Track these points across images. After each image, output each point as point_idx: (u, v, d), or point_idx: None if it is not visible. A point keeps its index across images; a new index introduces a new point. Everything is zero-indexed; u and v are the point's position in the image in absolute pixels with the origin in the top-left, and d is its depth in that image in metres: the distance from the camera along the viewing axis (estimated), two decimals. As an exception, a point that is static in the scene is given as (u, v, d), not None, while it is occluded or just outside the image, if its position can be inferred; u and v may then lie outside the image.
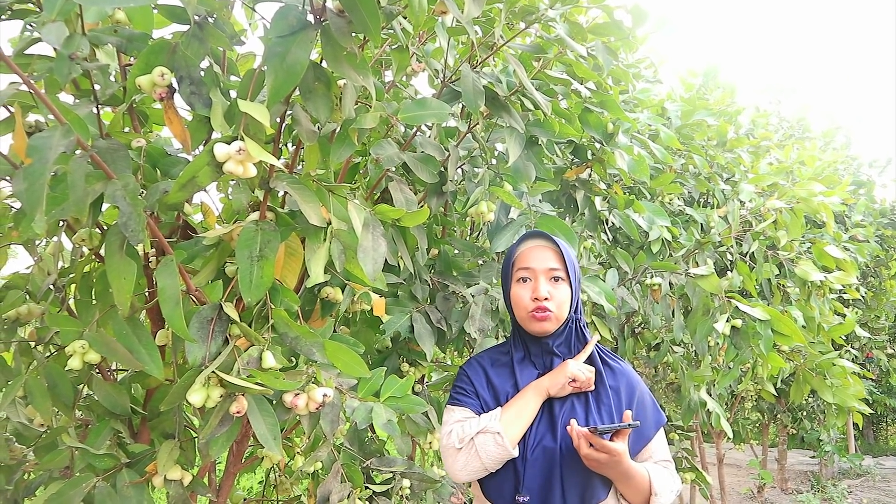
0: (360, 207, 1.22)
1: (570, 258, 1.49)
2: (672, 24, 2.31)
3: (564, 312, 1.47)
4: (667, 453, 1.46)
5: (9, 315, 1.41)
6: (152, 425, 1.44)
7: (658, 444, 1.46)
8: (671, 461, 1.46)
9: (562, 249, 1.47)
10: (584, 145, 2.24)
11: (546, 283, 1.46)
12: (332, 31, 1.04)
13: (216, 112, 1.08)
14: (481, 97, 1.53)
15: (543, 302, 1.44)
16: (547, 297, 1.44)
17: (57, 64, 1.04)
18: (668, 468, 1.43)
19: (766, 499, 6.84)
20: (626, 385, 1.47)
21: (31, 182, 0.90)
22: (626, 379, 1.48)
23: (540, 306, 1.44)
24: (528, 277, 1.48)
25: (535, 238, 1.53)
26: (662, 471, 1.41)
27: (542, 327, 1.46)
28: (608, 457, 1.29)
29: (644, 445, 1.43)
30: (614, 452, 1.28)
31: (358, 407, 1.37)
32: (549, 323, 1.46)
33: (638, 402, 1.45)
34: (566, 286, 1.47)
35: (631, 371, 1.51)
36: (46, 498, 1.21)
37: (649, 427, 1.44)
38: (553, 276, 1.47)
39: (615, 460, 1.29)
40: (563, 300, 1.46)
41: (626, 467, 1.32)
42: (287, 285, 1.26)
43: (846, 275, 2.93)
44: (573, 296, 1.48)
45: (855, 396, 2.97)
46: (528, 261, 1.49)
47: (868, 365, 7.03)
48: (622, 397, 1.44)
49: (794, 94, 6.38)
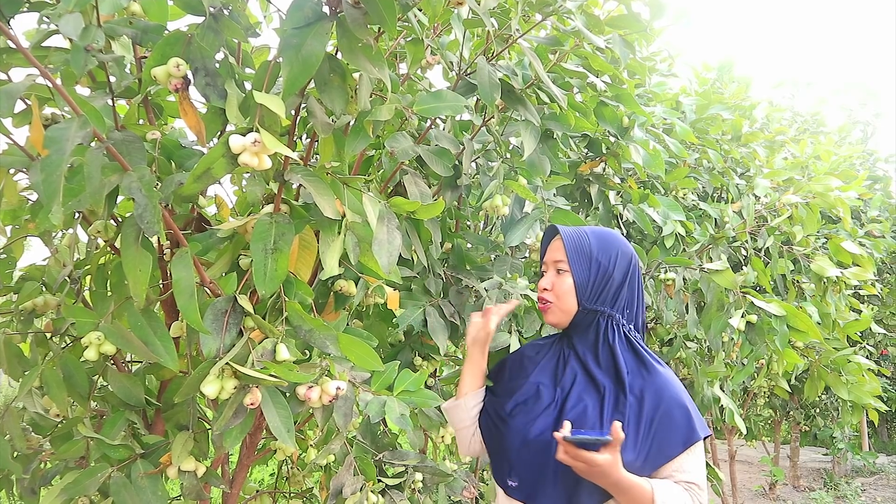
0: (375, 200, 1.21)
1: (577, 248, 1.43)
2: (690, 17, 2.29)
3: (568, 303, 1.43)
4: (695, 475, 1.31)
5: (25, 306, 1.43)
6: (167, 416, 1.45)
7: (684, 463, 1.31)
8: (698, 484, 1.30)
9: (565, 241, 1.44)
10: (599, 139, 2.23)
11: (553, 274, 1.47)
12: (347, 22, 1.03)
13: (231, 104, 1.07)
14: (497, 90, 1.52)
15: (542, 293, 1.47)
16: (546, 289, 1.46)
17: (73, 56, 1.04)
18: (689, 490, 1.29)
19: (778, 496, 6.80)
20: (654, 394, 1.34)
21: (48, 173, 0.90)
22: (656, 388, 1.35)
23: (540, 297, 1.48)
24: (544, 271, 1.52)
25: (550, 231, 1.53)
26: (675, 490, 1.28)
27: (547, 318, 1.48)
28: (586, 466, 1.22)
29: (664, 462, 1.31)
30: (591, 462, 1.20)
31: (371, 400, 1.37)
32: (552, 315, 1.46)
33: (662, 414, 1.33)
34: (569, 276, 1.43)
35: (666, 380, 1.37)
36: (63, 487, 1.22)
37: (674, 446, 1.31)
38: (558, 267, 1.46)
39: (597, 471, 1.22)
40: (563, 291, 1.43)
41: (615, 479, 1.23)
42: (301, 278, 1.26)
43: (863, 270, 2.90)
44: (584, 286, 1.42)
45: (870, 393, 2.94)
46: (546, 255, 1.51)
47: (883, 362, 6.96)
48: (644, 406, 1.33)
49: (809, 88, 6.29)
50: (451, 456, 2.50)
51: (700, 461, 1.34)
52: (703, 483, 1.32)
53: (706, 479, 1.35)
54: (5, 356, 1.39)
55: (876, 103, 6.80)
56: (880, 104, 6.82)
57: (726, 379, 3.30)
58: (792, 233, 2.96)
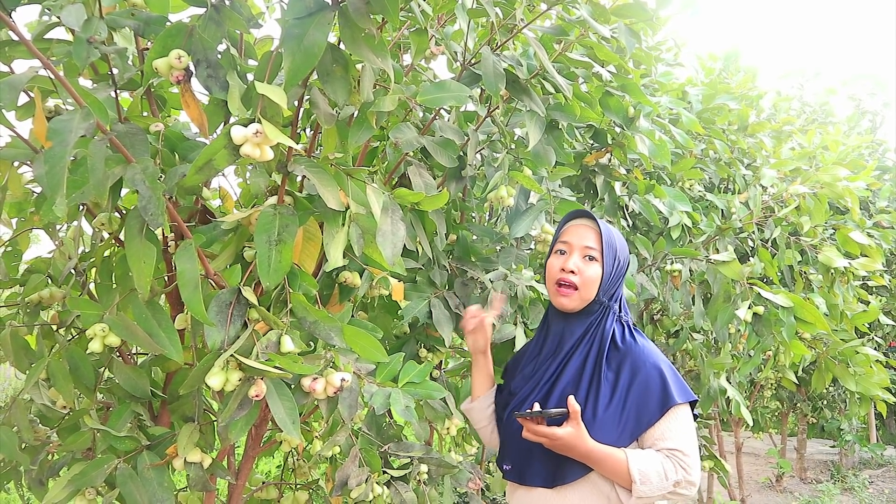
0: (379, 191, 1.21)
1: (609, 242, 1.46)
2: (696, 6, 2.27)
3: (590, 292, 1.45)
4: (679, 441, 1.33)
5: (31, 299, 1.43)
6: (172, 408, 1.46)
7: (666, 430, 1.34)
8: (682, 451, 1.32)
9: (602, 232, 1.46)
10: (605, 130, 2.21)
11: (579, 259, 1.45)
12: (350, 12, 1.02)
13: (233, 95, 1.07)
14: (502, 80, 1.51)
15: (569, 275, 1.44)
16: (574, 271, 1.44)
17: (75, 47, 1.04)
18: (672, 457, 1.31)
19: (784, 488, 6.79)
20: (630, 367, 1.39)
21: (51, 165, 0.90)
22: (632, 360, 1.40)
23: (564, 278, 1.44)
24: (564, 251, 1.49)
25: (581, 217, 1.52)
26: (654, 457, 1.31)
27: (562, 302, 1.46)
28: (549, 440, 1.30)
29: (645, 430, 1.35)
30: (551, 436, 1.29)
31: (376, 392, 1.37)
32: (571, 299, 1.45)
33: (638, 384, 1.37)
34: (598, 267, 1.45)
35: (642, 352, 1.42)
36: (70, 478, 1.22)
37: (651, 411, 1.34)
38: (588, 254, 1.45)
39: (560, 444, 1.29)
40: (591, 278, 1.44)
41: (584, 450, 1.29)
42: (305, 269, 1.26)
43: (871, 261, 2.87)
44: (606, 279, 1.45)
45: (878, 385, 2.93)
46: (569, 235, 1.49)
47: (892, 353, 6.93)
48: (620, 378, 1.38)
49: (817, 78, 6.23)
50: (457, 447, 2.50)
51: (683, 427, 1.36)
52: (690, 450, 1.33)
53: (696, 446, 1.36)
54: (12, 348, 1.40)
55: (885, 93, 6.73)
56: (889, 94, 6.76)
57: (733, 370, 3.29)
58: (799, 223, 2.94)
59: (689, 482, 1.31)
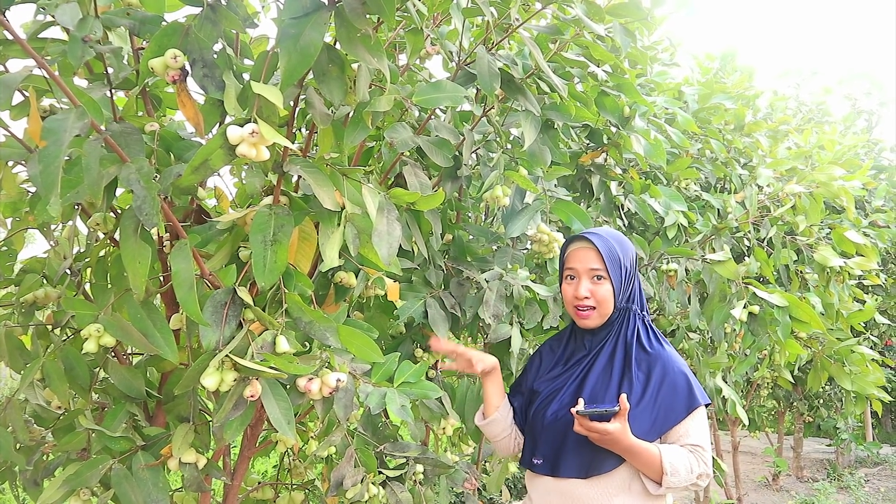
0: (375, 191, 1.21)
1: (612, 257, 1.56)
2: (692, 5, 2.27)
3: (607, 308, 1.57)
4: (700, 438, 1.51)
5: (26, 299, 1.43)
6: (167, 409, 1.45)
7: (689, 428, 1.51)
8: (702, 447, 1.50)
9: (601, 251, 1.55)
10: (600, 129, 2.21)
11: (588, 282, 1.57)
12: (346, 12, 1.02)
13: (229, 95, 1.07)
14: (497, 80, 1.51)
15: (584, 301, 1.56)
16: (587, 297, 1.56)
17: (70, 47, 1.04)
18: (694, 452, 1.49)
19: (781, 487, 6.81)
20: (660, 368, 1.54)
21: (46, 164, 0.90)
22: (662, 362, 1.55)
23: (580, 304, 1.57)
24: (573, 276, 1.60)
25: (578, 241, 1.61)
26: (681, 452, 1.47)
27: (584, 323, 1.59)
28: (598, 436, 1.40)
29: (671, 427, 1.50)
30: (603, 432, 1.39)
31: (371, 392, 1.37)
32: (592, 320, 1.58)
33: (667, 386, 1.52)
34: (608, 284, 1.56)
35: (669, 356, 1.57)
36: (64, 479, 1.22)
37: (678, 411, 1.50)
38: (595, 275, 1.56)
39: (609, 439, 1.40)
40: (604, 297, 1.56)
41: (626, 445, 1.41)
42: (301, 270, 1.25)
43: (867, 260, 2.87)
44: (618, 290, 1.56)
45: (874, 384, 2.93)
46: (573, 261, 1.60)
47: (887, 352, 6.94)
48: (651, 379, 1.52)
49: (814, 77, 6.24)
50: (453, 448, 2.50)
51: (702, 426, 1.54)
52: (707, 445, 1.52)
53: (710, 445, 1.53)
54: (7, 348, 1.39)
55: (881, 93, 6.76)
56: (885, 94, 6.77)
57: (729, 370, 3.30)
58: (795, 223, 2.95)
59: (707, 475, 1.49)
